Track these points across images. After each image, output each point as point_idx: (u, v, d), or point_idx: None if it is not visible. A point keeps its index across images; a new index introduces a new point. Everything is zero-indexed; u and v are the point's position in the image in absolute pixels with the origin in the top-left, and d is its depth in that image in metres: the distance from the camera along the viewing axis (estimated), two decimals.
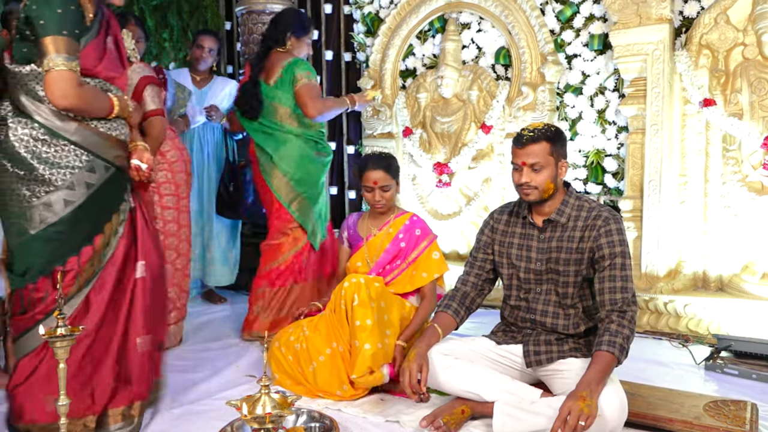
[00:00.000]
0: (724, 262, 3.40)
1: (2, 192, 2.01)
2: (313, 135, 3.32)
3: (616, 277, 2.07)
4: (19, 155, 1.97)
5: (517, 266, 2.28)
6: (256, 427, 1.47)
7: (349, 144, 5.22)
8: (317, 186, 3.35)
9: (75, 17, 1.94)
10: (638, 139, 3.56)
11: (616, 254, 2.09)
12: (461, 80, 4.24)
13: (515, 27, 4.00)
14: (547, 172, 2.15)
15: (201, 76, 4.06)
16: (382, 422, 2.26)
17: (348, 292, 2.48)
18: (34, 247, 2.01)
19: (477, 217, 4.17)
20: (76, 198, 2.02)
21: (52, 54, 1.88)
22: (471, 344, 2.31)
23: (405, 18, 4.45)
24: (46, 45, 1.89)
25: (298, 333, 2.60)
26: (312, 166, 3.31)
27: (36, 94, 1.98)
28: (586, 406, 1.79)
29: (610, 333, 1.97)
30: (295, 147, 3.26)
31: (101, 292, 2.09)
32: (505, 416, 2.02)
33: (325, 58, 5.24)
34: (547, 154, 2.14)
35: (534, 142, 2.14)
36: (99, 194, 2.06)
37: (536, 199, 2.19)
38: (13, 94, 2.01)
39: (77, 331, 1.78)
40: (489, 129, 4.07)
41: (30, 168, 1.98)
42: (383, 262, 2.76)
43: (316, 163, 3.34)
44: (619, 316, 2.01)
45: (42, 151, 1.98)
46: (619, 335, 1.97)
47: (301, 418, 2.09)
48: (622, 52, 3.54)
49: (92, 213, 2.06)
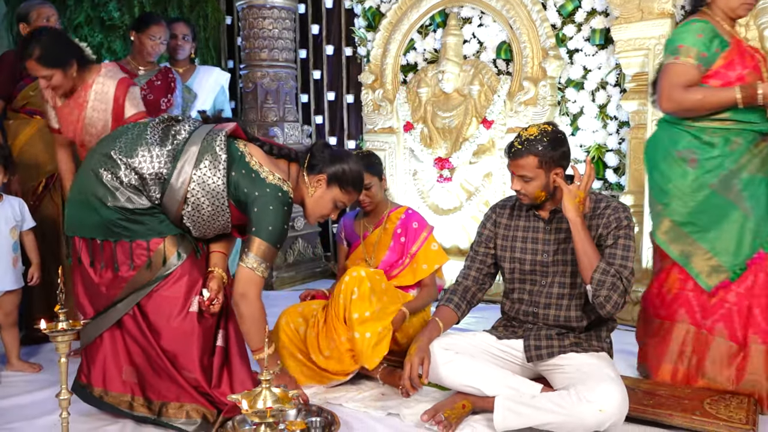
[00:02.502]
0: None
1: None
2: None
3: (617, 255, 2.07)
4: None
5: (522, 259, 2.28)
6: (257, 421, 1.48)
7: (350, 139, 5.22)
8: None
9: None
10: (640, 134, 3.55)
11: (620, 236, 2.09)
12: (462, 75, 4.23)
13: (516, 21, 3.99)
14: (536, 183, 2.14)
15: (183, 68, 3.94)
16: (383, 416, 2.27)
17: (348, 286, 2.48)
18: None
19: (478, 212, 4.16)
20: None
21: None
22: (472, 339, 2.32)
23: (406, 12, 4.44)
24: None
25: (301, 319, 2.66)
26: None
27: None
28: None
29: (601, 271, 2.03)
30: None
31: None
32: (506, 411, 2.02)
33: (326, 52, 5.23)
34: (535, 167, 2.11)
35: (520, 156, 2.12)
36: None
37: (529, 204, 2.22)
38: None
39: (78, 325, 1.78)
40: (490, 124, 4.06)
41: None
42: (390, 261, 2.78)
43: None
44: (618, 272, 2.03)
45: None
46: (609, 274, 2.01)
47: (302, 413, 2.09)
48: (623, 47, 3.53)
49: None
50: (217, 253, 2.31)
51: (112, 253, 2.10)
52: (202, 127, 2.20)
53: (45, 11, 3.31)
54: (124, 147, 2.11)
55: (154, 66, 3.67)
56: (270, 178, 2.12)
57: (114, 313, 2.13)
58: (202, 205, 2.12)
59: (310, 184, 2.28)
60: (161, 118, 2.22)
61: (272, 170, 2.15)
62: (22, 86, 3.29)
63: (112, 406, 2.17)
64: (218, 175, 2.10)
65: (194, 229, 2.18)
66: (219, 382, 2.18)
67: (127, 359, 2.17)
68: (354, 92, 5.17)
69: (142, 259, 2.10)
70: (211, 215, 2.15)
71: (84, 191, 2.12)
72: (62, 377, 1.77)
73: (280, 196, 2.11)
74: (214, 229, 2.21)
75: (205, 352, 2.17)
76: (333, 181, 2.28)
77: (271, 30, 4.71)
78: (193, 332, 2.13)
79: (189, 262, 2.16)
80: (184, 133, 2.15)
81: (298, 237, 4.86)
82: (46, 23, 3.30)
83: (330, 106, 5.36)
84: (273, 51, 4.74)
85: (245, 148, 2.18)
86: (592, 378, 1.96)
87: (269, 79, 4.75)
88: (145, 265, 2.10)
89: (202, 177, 2.09)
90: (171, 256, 2.12)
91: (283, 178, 2.16)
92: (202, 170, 2.10)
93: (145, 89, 3.56)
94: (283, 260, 4.68)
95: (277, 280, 4.57)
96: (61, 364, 1.76)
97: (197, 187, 2.09)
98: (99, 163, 2.11)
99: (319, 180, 2.28)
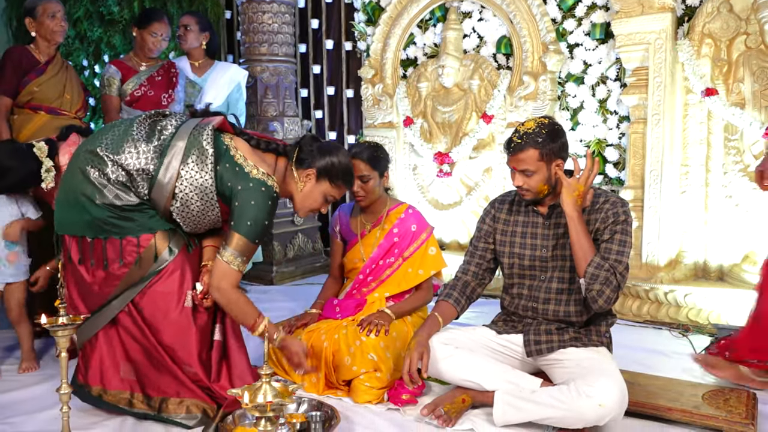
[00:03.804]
0: (724, 251, 3.40)
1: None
2: None
3: (612, 250, 2.07)
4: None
5: (521, 254, 2.28)
6: (257, 415, 1.48)
7: (350, 134, 5.22)
8: None
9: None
10: (640, 129, 3.55)
11: (617, 231, 2.09)
12: (462, 69, 4.22)
13: (517, 16, 3.98)
14: (538, 176, 2.13)
15: (198, 62, 3.94)
16: (383, 411, 2.27)
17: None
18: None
19: (478, 206, 4.16)
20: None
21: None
22: (472, 334, 2.32)
23: (406, 7, 4.43)
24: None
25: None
26: None
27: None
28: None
29: (595, 266, 2.02)
30: None
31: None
32: (505, 405, 2.02)
33: (326, 47, 5.23)
34: (536, 161, 2.11)
35: (521, 150, 2.11)
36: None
37: (532, 199, 2.20)
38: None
39: (78, 320, 1.78)
40: (490, 119, 4.06)
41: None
42: (376, 258, 2.70)
43: None
44: (612, 267, 2.03)
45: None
46: (602, 269, 2.01)
47: (303, 407, 2.10)
48: (624, 42, 3.52)
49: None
50: (210, 247, 2.30)
51: (102, 250, 2.09)
52: (188, 122, 2.18)
53: (51, 7, 3.31)
54: (110, 144, 2.09)
55: (155, 62, 3.67)
56: (254, 172, 2.11)
57: (109, 311, 2.12)
58: (191, 200, 2.11)
59: (299, 179, 2.27)
60: (148, 114, 2.21)
61: (257, 164, 2.13)
62: (27, 82, 3.29)
63: (112, 405, 2.16)
64: (206, 169, 2.09)
65: (184, 224, 2.17)
66: (218, 376, 2.18)
67: (124, 356, 2.16)
68: (354, 87, 5.16)
69: (133, 256, 2.09)
70: (200, 210, 2.14)
71: (72, 190, 2.10)
72: (62, 371, 1.77)
73: (264, 191, 2.09)
74: (205, 224, 2.20)
75: (203, 346, 2.17)
76: (323, 175, 2.26)
77: (270, 24, 4.70)
78: (190, 327, 2.13)
79: (181, 257, 2.15)
80: (171, 128, 2.14)
81: (298, 232, 4.85)
82: (52, 19, 3.30)
83: (330, 100, 5.35)
84: (272, 45, 4.73)
85: (231, 142, 2.17)
86: (592, 373, 1.97)
87: (269, 73, 4.74)
88: (135, 262, 2.09)
89: (189, 172, 2.08)
90: (162, 252, 2.11)
91: (267, 173, 2.13)
92: (189, 165, 2.08)
93: (145, 85, 3.56)
94: (283, 255, 4.68)
95: (277, 275, 4.57)
96: (62, 359, 1.77)
97: (185, 182, 2.09)
98: (86, 160, 2.09)
99: (308, 174, 2.26)
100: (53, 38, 3.34)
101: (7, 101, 3.27)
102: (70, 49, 5.58)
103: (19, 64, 3.27)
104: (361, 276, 2.72)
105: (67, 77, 3.42)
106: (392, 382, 2.36)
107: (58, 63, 3.41)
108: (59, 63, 3.41)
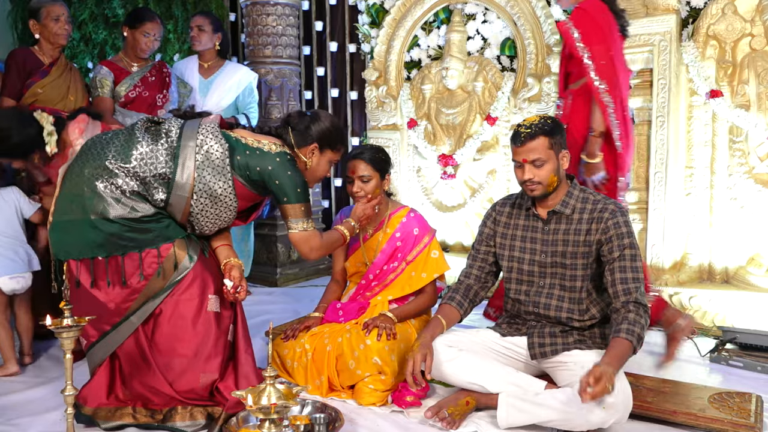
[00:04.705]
0: (729, 254, 3.38)
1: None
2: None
3: (627, 268, 2.07)
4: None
5: (521, 258, 2.27)
6: (261, 417, 1.48)
7: (354, 135, 5.22)
8: None
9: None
10: (644, 131, 3.54)
11: (626, 246, 2.08)
12: (466, 72, 4.22)
13: (521, 18, 3.97)
14: (549, 166, 2.13)
15: (208, 62, 3.93)
16: (387, 413, 2.27)
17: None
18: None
19: (482, 209, 4.16)
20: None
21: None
22: (476, 336, 2.32)
23: (410, 9, 4.43)
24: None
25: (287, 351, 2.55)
26: None
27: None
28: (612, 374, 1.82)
29: (629, 322, 1.98)
30: None
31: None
32: (509, 408, 2.02)
33: (330, 49, 5.23)
34: (547, 149, 2.12)
35: (532, 138, 2.12)
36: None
37: (541, 194, 2.18)
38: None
39: (83, 321, 1.78)
40: (494, 121, 4.05)
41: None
42: (380, 263, 2.69)
43: None
44: (635, 307, 2.02)
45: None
46: (636, 325, 1.98)
47: (306, 409, 2.10)
48: (628, 43, 3.48)
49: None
50: (222, 246, 2.34)
51: (120, 267, 2.08)
52: (188, 122, 2.21)
53: (55, 10, 3.31)
54: (117, 154, 2.09)
55: (147, 62, 3.65)
56: (273, 148, 2.21)
57: (127, 326, 2.10)
58: (209, 197, 2.13)
59: (305, 156, 2.35)
60: (143, 120, 2.23)
61: (268, 141, 2.23)
62: (31, 84, 3.29)
63: (114, 424, 2.11)
64: (222, 164, 2.13)
65: (201, 225, 2.18)
66: (224, 376, 2.19)
67: (123, 378, 2.15)
68: (358, 89, 5.17)
69: (154, 267, 2.09)
70: (218, 207, 2.17)
71: (74, 211, 2.07)
72: (67, 373, 1.77)
73: (289, 160, 2.22)
74: (221, 222, 2.23)
75: (226, 351, 2.20)
76: (324, 145, 2.38)
77: (274, 27, 4.71)
78: (213, 332, 2.16)
79: (200, 263, 2.17)
80: (175, 130, 2.16)
81: None
82: (56, 22, 3.30)
83: (334, 102, 5.36)
84: (277, 48, 4.73)
85: (235, 134, 2.24)
86: None
87: (273, 75, 4.74)
88: (157, 273, 2.09)
89: (206, 170, 2.11)
90: (182, 260, 2.12)
91: (279, 143, 2.25)
92: (203, 163, 2.11)
93: (139, 86, 3.54)
94: (287, 257, 4.68)
95: (281, 277, 4.57)
96: (66, 361, 1.77)
97: (203, 180, 2.11)
98: (93, 176, 2.07)
99: (312, 150, 2.35)
100: (57, 41, 3.34)
101: (10, 103, 3.28)
102: (75, 52, 5.59)
103: (23, 66, 3.28)
104: (365, 281, 2.73)
105: (71, 79, 3.42)
106: (396, 385, 2.36)
107: (63, 65, 3.41)
108: (63, 65, 3.42)
